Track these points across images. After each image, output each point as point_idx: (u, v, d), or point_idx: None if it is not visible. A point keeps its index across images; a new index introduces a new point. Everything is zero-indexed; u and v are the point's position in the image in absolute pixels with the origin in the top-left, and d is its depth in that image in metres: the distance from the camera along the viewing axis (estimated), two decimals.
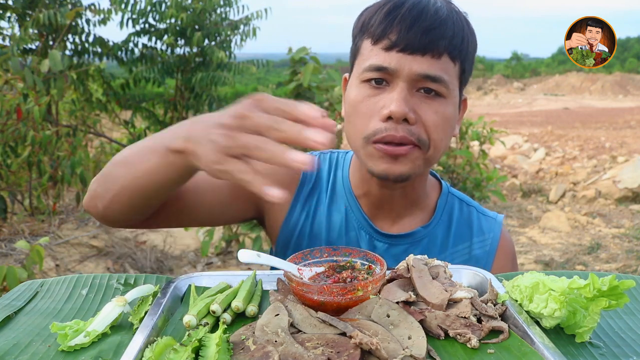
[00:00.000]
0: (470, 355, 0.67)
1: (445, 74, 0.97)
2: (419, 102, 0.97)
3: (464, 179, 6.47)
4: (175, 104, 6.64)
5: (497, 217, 1.19)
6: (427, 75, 0.95)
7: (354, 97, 1.01)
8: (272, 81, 17.40)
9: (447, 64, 0.97)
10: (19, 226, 4.37)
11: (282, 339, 0.66)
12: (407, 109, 0.94)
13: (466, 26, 1.01)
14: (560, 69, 35.01)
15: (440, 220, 1.14)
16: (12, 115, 3.90)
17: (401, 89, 0.95)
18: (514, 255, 1.19)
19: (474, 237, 1.14)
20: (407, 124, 0.95)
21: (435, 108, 0.97)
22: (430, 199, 1.16)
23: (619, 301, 0.69)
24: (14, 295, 0.85)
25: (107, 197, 0.92)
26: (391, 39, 0.96)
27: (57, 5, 5.45)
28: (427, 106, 0.97)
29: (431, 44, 0.95)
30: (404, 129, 0.95)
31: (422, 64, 0.95)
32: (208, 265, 4.47)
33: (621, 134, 12.78)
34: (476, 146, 6.73)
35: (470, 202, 1.20)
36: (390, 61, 0.96)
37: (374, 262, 0.85)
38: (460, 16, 1.01)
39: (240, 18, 6.39)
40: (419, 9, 0.96)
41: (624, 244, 5.35)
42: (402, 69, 0.95)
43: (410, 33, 0.94)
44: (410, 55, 0.95)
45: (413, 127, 0.96)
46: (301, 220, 1.13)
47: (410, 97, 0.96)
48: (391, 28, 0.96)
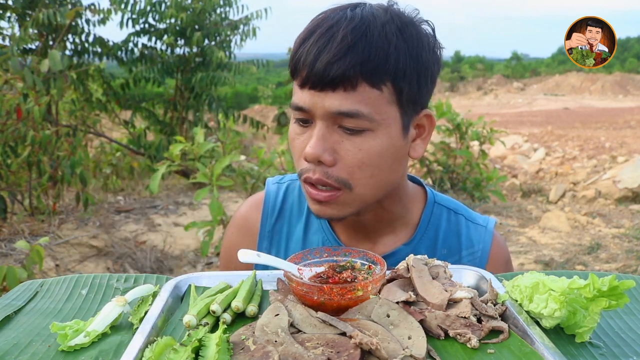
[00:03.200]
0: (470, 355, 0.67)
1: (365, 106, 0.87)
2: (340, 139, 0.90)
3: (464, 179, 6.47)
4: (175, 104, 6.65)
5: (487, 225, 1.11)
6: (340, 112, 0.87)
7: (289, 133, 0.98)
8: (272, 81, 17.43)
9: (367, 93, 0.87)
10: (19, 226, 4.37)
11: (282, 339, 0.66)
12: (322, 150, 0.88)
13: (396, 38, 0.88)
14: (560, 69, 35.01)
15: (424, 235, 1.08)
16: (12, 115, 3.90)
17: (318, 128, 0.89)
18: (507, 260, 1.13)
19: (463, 250, 1.08)
20: (324, 165, 0.90)
21: (359, 145, 0.89)
22: (412, 212, 1.09)
23: (619, 301, 0.69)
24: (14, 295, 0.85)
25: None
26: (302, 75, 0.90)
27: (57, 5, 5.45)
28: (350, 143, 0.89)
29: (339, 77, 0.85)
30: (320, 171, 0.90)
31: (333, 100, 0.87)
32: (208, 265, 4.47)
33: (621, 134, 12.78)
34: (476, 146, 6.73)
35: (459, 209, 1.13)
36: (304, 100, 0.90)
37: (374, 262, 0.85)
38: (389, 27, 0.88)
39: (240, 18, 6.39)
40: (327, 38, 0.87)
41: (624, 244, 5.35)
42: (315, 107, 0.89)
43: (316, 68, 0.86)
44: (322, 92, 0.88)
45: (331, 169, 0.90)
46: (273, 250, 1.11)
47: (330, 134, 0.89)
48: (300, 63, 0.89)
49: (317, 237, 1.09)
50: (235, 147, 6.40)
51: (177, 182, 6.64)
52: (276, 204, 1.13)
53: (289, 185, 1.15)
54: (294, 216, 1.12)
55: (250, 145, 7.88)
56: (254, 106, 16.00)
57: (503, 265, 1.11)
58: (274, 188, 1.15)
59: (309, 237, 1.10)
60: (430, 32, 0.94)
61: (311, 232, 1.10)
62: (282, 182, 1.16)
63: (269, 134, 6.53)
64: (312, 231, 1.10)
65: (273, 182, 1.17)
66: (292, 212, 1.12)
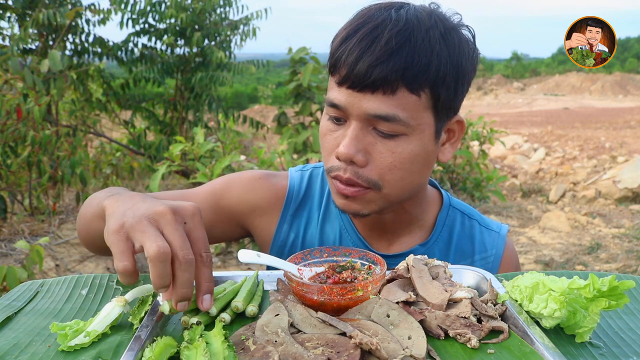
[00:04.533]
0: (470, 355, 0.67)
1: (403, 111, 0.87)
2: (374, 141, 0.90)
3: (464, 179, 6.47)
4: (175, 104, 6.64)
5: (500, 230, 1.14)
6: (377, 115, 0.87)
7: (320, 129, 0.98)
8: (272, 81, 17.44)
9: (406, 99, 0.87)
10: (19, 226, 4.37)
11: (282, 339, 0.66)
12: (355, 151, 0.89)
13: (439, 44, 0.87)
14: (560, 69, 35.02)
15: (439, 237, 1.10)
16: (12, 115, 3.90)
17: (353, 128, 0.89)
18: (517, 266, 1.16)
19: (476, 253, 1.10)
20: (355, 166, 0.90)
21: (392, 148, 0.90)
22: (429, 214, 1.11)
23: (618, 301, 0.69)
24: (14, 296, 0.85)
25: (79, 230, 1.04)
26: (341, 73, 0.89)
27: (57, 5, 5.45)
28: (383, 146, 0.90)
29: (380, 80, 0.85)
30: (351, 170, 0.91)
31: (371, 103, 0.87)
32: None
33: (621, 134, 12.78)
34: (476, 146, 6.74)
35: (473, 214, 1.15)
36: (341, 98, 0.90)
37: (374, 262, 0.85)
38: (432, 32, 0.87)
39: (240, 18, 6.39)
40: (371, 38, 0.86)
41: (624, 244, 5.35)
42: (352, 107, 0.89)
43: (357, 69, 0.86)
44: (360, 93, 0.87)
45: (362, 170, 0.91)
46: (290, 239, 1.11)
47: (363, 135, 0.90)
48: (341, 61, 0.88)
49: (336, 225, 1.11)
50: (235, 147, 6.39)
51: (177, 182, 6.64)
52: (300, 190, 1.14)
53: (312, 172, 1.17)
54: (315, 203, 1.14)
55: (250, 145, 7.87)
56: (254, 106, 16.00)
57: (513, 270, 1.13)
58: (298, 175, 1.16)
59: (327, 225, 1.11)
60: (470, 38, 0.94)
61: (330, 219, 1.12)
62: (305, 169, 1.18)
63: (269, 134, 6.53)
64: (331, 219, 1.12)
65: (296, 170, 1.18)
66: (313, 199, 1.14)
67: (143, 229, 0.68)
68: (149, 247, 0.66)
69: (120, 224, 0.70)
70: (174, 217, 0.70)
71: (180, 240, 0.69)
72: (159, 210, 0.70)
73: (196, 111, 6.59)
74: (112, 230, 0.70)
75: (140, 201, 0.74)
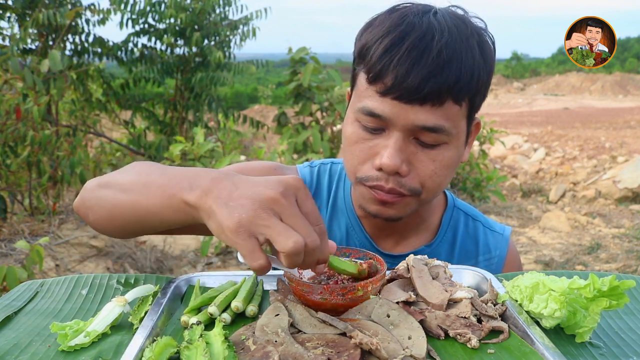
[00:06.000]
0: (470, 355, 0.67)
1: (447, 121, 0.88)
2: (416, 150, 0.90)
3: (464, 179, 6.47)
4: (175, 104, 6.64)
5: (504, 232, 1.14)
6: (425, 127, 0.87)
7: (350, 134, 0.94)
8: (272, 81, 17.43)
9: (451, 109, 0.88)
10: (19, 226, 4.37)
11: (282, 339, 0.66)
12: (400, 162, 0.88)
13: (478, 54, 0.88)
14: (560, 69, 35.01)
15: (444, 238, 1.11)
16: (12, 115, 3.90)
17: (396, 139, 0.88)
18: (520, 267, 1.17)
19: (480, 255, 1.11)
20: (398, 176, 0.90)
21: (434, 156, 0.91)
22: (434, 215, 1.12)
23: (619, 301, 0.69)
24: (14, 295, 0.85)
25: (99, 213, 0.89)
26: (387, 83, 0.86)
27: (57, 5, 5.45)
28: (424, 155, 0.90)
29: (431, 93, 0.85)
30: (394, 180, 0.90)
31: (419, 115, 0.86)
32: (208, 265, 4.47)
33: (621, 134, 12.78)
34: (476, 146, 6.73)
35: (477, 215, 1.16)
36: (384, 109, 0.87)
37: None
38: (472, 42, 0.88)
39: (240, 18, 6.39)
40: (421, 49, 0.85)
41: (624, 244, 5.35)
42: (398, 118, 0.87)
43: (408, 80, 0.84)
44: (408, 105, 0.86)
45: (404, 179, 0.91)
46: None
47: (405, 146, 0.89)
48: (387, 71, 0.86)
49: (342, 222, 1.11)
50: (235, 147, 6.40)
51: None
52: (312, 187, 1.14)
53: (319, 169, 1.17)
54: (323, 200, 1.14)
55: (250, 145, 7.87)
56: (254, 106, 15.99)
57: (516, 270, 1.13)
58: (307, 171, 1.16)
59: (334, 222, 1.11)
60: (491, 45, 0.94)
61: (337, 216, 1.12)
62: (313, 166, 1.18)
63: (269, 134, 6.52)
64: (337, 216, 1.12)
65: (304, 166, 1.17)
66: (322, 196, 1.14)
67: (266, 223, 0.65)
68: (283, 244, 0.64)
69: (237, 221, 0.65)
70: (287, 201, 0.67)
71: (304, 226, 0.66)
72: (270, 197, 0.66)
73: (196, 111, 6.59)
74: (231, 230, 0.65)
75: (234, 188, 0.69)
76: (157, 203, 0.78)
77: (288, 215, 0.66)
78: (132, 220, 0.84)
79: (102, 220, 0.89)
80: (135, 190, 0.82)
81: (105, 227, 0.90)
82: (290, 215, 0.66)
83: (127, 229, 0.88)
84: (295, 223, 0.66)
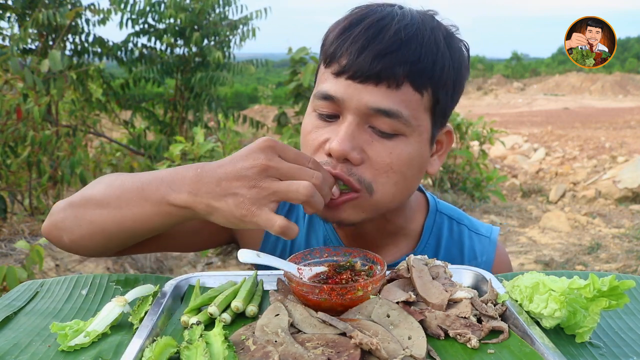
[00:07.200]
0: (470, 355, 0.67)
1: (405, 108, 0.83)
2: (370, 139, 0.85)
3: (464, 179, 6.47)
4: (175, 104, 6.64)
5: (491, 235, 1.09)
6: (379, 109, 0.82)
7: (304, 126, 0.91)
8: (271, 81, 17.43)
9: (409, 95, 0.83)
10: (19, 226, 4.37)
11: (282, 339, 0.66)
12: (350, 148, 0.82)
13: (444, 46, 0.85)
14: (560, 69, 35.00)
15: (427, 245, 1.05)
16: (12, 115, 3.90)
17: (349, 123, 0.83)
18: (509, 269, 1.12)
19: (465, 261, 1.05)
20: (349, 163, 0.84)
21: (390, 148, 0.85)
22: (415, 222, 1.06)
23: (619, 301, 0.69)
24: (14, 295, 0.85)
25: (78, 232, 0.86)
26: (341, 63, 0.83)
27: (57, 5, 5.45)
28: (380, 145, 0.85)
29: (385, 71, 0.81)
30: (343, 167, 0.84)
31: (374, 95, 0.82)
32: (208, 265, 4.47)
33: (621, 134, 12.78)
34: (476, 146, 6.73)
35: (461, 219, 1.10)
36: (337, 89, 0.84)
37: (374, 262, 0.85)
38: (437, 34, 0.85)
39: (240, 18, 6.39)
40: (377, 28, 0.82)
41: (624, 244, 5.35)
42: (351, 99, 0.83)
43: (361, 57, 0.81)
44: (361, 84, 0.82)
45: (355, 168, 0.85)
46: (279, 247, 1.07)
47: (359, 132, 0.84)
48: (341, 50, 0.83)
49: (320, 233, 1.07)
50: (235, 147, 6.38)
51: None
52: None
53: None
54: (300, 211, 1.09)
55: None
56: (254, 106, 16.00)
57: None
58: None
59: (312, 233, 1.08)
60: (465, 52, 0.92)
61: (314, 228, 1.08)
62: None
63: (269, 134, 6.53)
64: (314, 227, 1.08)
65: None
66: (299, 206, 1.09)
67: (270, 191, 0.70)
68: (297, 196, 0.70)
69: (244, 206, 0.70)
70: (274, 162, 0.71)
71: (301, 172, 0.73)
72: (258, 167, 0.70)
73: (196, 111, 6.59)
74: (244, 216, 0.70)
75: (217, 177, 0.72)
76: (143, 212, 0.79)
77: (283, 172, 0.71)
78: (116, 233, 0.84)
79: (81, 239, 0.87)
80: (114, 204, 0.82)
81: (86, 245, 0.89)
82: (285, 171, 0.71)
83: (109, 244, 0.88)
84: (293, 174, 0.70)
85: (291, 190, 0.69)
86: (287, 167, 0.71)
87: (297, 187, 0.69)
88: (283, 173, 0.70)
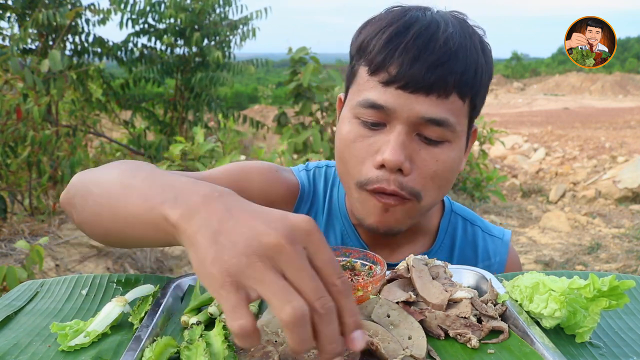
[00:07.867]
0: (470, 355, 0.67)
1: (452, 116, 0.85)
2: (418, 147, 0.86)
3: (464, 179, 6.47)
4: (175, 104, 6.64)
5: (503, 237, 1.11)
6: (430, 119, 0.83)
7: (346, 134, 0.89)
8: (272, 81, 17.43)
9: (456, 104, 0.85)
10: (18, 226, 4.37)
11: (282, 339, 0.66)
12: (403, 157, 0.83)
13: (481, 53, 0.87)
14: (560, 69, 35.01)
15: (442, 245, 1.07)
16: (12, 115, 3.90)
17: (398, 132, 0.84)
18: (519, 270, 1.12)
19: (479, 262, 1.07)
20: (400, 174, 0.86)
21: (437, 155, 0.87)
22: (432, 221, 1.08)
23: (619, 301, 0.69)
24: (14, 295, 0.85)
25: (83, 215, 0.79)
26: (391, 72, 0.83)
27: (57, 5, 5.45)
28: (427, 153, 0.86)
29: (438, 82, 0.82)
30: (396, 181, 0.85)
31: (425, 105, 0.83)
32: None
33: (621, 134, 12.78)
34: (476, 146, 6.73)
35: (475, 220, 1.12)
36: (387, 99, 0.84)
37: (374, 262, 0.85)
38: (475, 40, 0.87)
39: (240, 18, 6.39)
40: (426, 38, 0.82)
41: (624, 244, 5.35)
42: (402, 109, 0.83)
43: (414, 68, 0.81)
44: (413, 95, 0.82)
45: (405, 179, 0.86)
46: None
47: (408, 141, 0.85)
48: (392, 59, 0.83)
49: (337, 229, 1.07)
50: (235, 147, 6.39)
51: None
52: (310, 191, 1.10)
53: (314, 172, 1.12)
54: (320, 205, 1.10)
55: (250, 145, 7.87)
56: (254, 106, 15.99)
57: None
58: (304, 175, 1.11)
59: (330, 228, 1.07)
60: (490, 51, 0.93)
61: (332, 223, 1.08)
62: (309, 169, 1.13)
63: (269, 134, 6.52)
64: (333, 222, 1.08)
65: (300, 170, 1.12)
66: (319, 201, 1.10)
67: (260, 277, 0.50)
68: (279, 309, 0.49)
69: (223, 269, 0.50)
70: (294, 250, 0.51)
71: (313, 285, 0.51)
72: (271, 243, 0.51)
73: (196, 111, 6.59)
74: (215, 277, 0.50)
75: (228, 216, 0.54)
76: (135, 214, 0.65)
77: (292, 269, 0.51)
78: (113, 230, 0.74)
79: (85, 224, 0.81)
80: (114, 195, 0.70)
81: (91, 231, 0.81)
82: (296, 269, 0.51)
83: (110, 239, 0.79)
84: (300, 281, 0.50)
85: (278, 297, 0.49)
86: (300, 267, 0.51)
87: (287, 299, 0.49)
88: (291, 269, 0.51)
